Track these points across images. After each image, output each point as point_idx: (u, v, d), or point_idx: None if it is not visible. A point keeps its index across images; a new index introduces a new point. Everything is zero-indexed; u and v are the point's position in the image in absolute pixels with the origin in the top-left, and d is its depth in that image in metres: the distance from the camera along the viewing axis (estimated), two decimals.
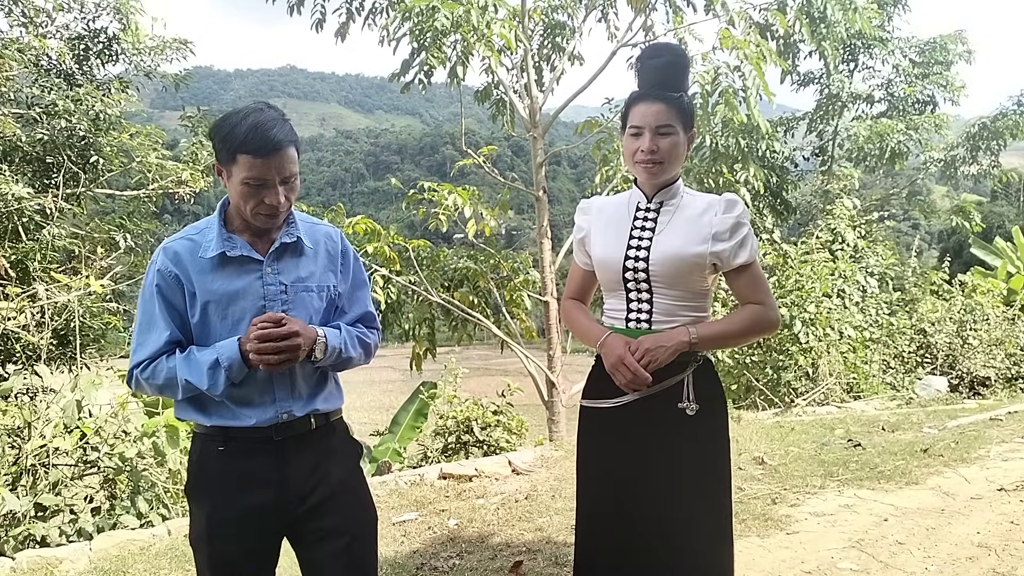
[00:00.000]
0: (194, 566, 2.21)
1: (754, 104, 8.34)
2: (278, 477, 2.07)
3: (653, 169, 2.27)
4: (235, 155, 1.95)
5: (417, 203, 8.83)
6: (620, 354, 2.20)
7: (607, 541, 2.30)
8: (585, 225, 2.47)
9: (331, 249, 2.21)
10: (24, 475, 4.80)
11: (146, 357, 2.04)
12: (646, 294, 2.28)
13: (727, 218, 2.25)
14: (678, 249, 2.24)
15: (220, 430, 2.07)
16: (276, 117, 1.99)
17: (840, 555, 4.00)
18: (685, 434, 2.23)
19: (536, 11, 9.62)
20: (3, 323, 5.79)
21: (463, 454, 7.22)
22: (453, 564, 4.04)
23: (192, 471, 2.16)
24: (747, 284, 2.30)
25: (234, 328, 2.04)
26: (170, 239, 2.11)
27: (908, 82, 15.93)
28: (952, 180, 16.73)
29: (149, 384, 2.06)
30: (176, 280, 2.04)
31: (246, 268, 2.06)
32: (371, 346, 2.27)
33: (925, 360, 11.00)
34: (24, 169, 8.85)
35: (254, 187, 1.97)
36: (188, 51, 10.77)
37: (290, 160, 1.99)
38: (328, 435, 2.19)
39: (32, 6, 9.41)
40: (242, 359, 1.97)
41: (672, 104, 2.24)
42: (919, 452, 6.04)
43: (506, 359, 10.49)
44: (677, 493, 2.22)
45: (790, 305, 9.26)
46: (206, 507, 2.10)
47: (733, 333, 2.32)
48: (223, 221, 2.09)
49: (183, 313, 2.06)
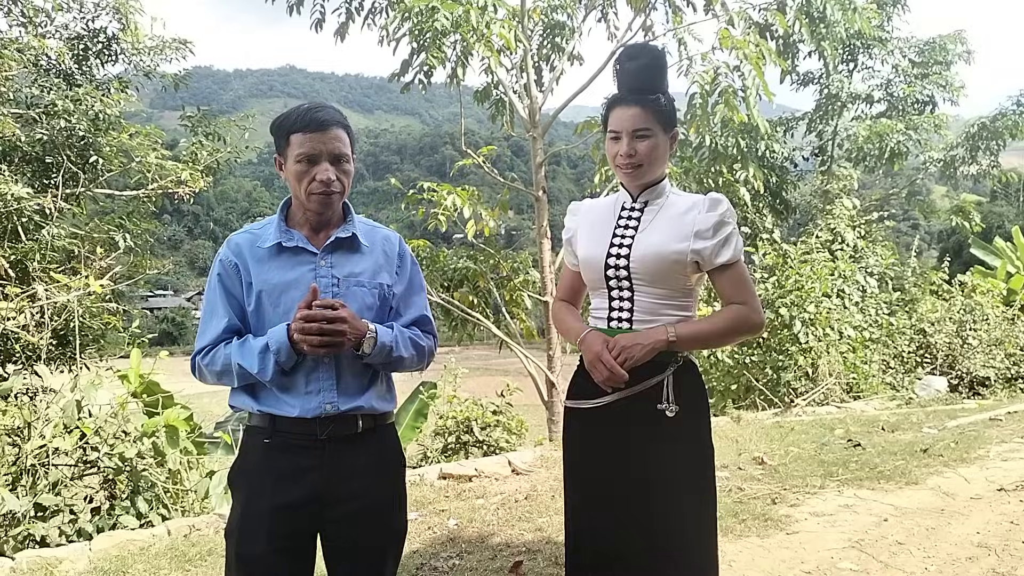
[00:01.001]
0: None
1: (754, 104, 8.34)
2: (316, 477, 2.07)
3: (633, 172, 2.30)
4: (288, 136, 2.08)
5: (417, 203, 8.83)
6: (597, 351, 2.20)
7: (595, 548, 2.28)
8: (573, 226, 2.49)
9: (388, 250, 2.24)
10: (24, 475, 4.79)
11: (207, 344, 2.12)
12: (627, 292, 2.29)
13: (710, 216, 2.25)
14: (658, 247, 2.24)
15: (268, 419, 2.10)
16: (327, 106, 2.14)
17: (840, 555, 4.00)
18: (665, 435, 2.22)
19: (536, 11, 9.62)
20: (3, 323, 5.78)
21: (463, 454, 7.21)
22: (453, 564, 4.04)
23: (236, 462, 2.20)
24: (730, 284, 2.28)
25: (285, 317, 2.07)
26: (235, 232, 2.22)
27: (908, 82, 15.93)
28: (952, 180, 16.72)
29: (208, 371, 2.13)
30: (236, 269, 2.12)
31: (300, 259, 2.12)
32: (425, 349, 2.26)
33: (925, 360, 11.01)
34: (23, 169, 8.85)
35: (305, 164, 2.06)
36: (187, 51, 10.76)
37: (339, 139, 2.08)
38: (375, 441, 2.18)
39: (31, 6, 9.41)
40: (290, 344, 2.00)
41: (649, 107, 2.26)
42: (919, 452, 6.04)
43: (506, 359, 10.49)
44: (657, 495, 2.20)
45: (790, 305, 9.26)
46: (241, 498, 2.13)
47: (714, 333, 2.31)
48: (284, 217, 2.18)
49: (242, 302, 2.14)
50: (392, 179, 11.13)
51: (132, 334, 8.06)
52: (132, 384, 5.81)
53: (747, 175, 13.11)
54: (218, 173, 11.12)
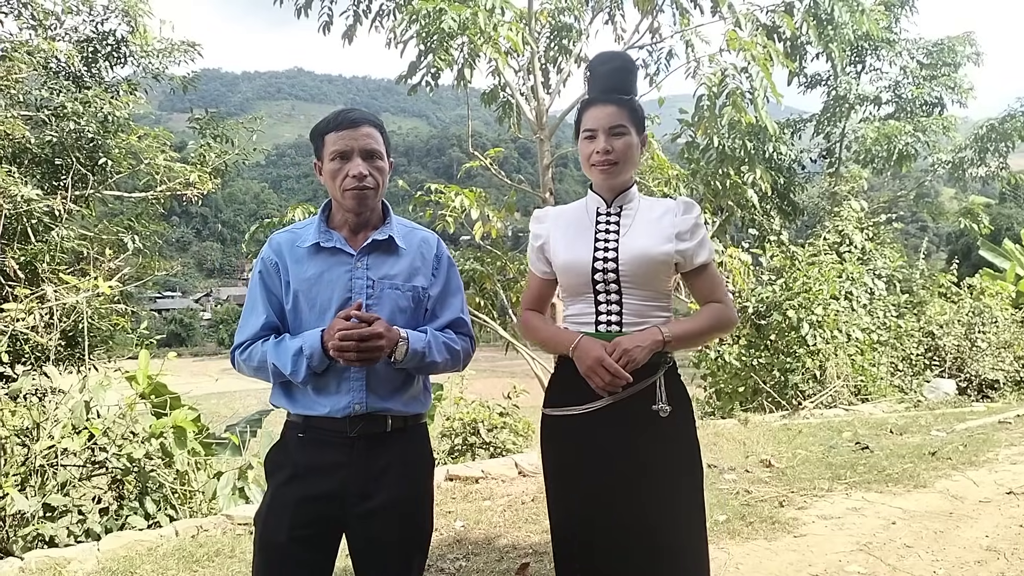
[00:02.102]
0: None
1: (762, 106, 8.33)
2: (344, 473, 2.10)
3: (609, 170, 2.30)
4: (323, 137, 2.16)
5: (424, 205, 8.84)
6: (598, 355, 2.18)
7: (586, 556, 2.27)
8: (543, 232, 2.45)
9: (425, 252, 2.27)
10: (33, 475, 4.81)
11: (245, 339, 2.18)
12: (615, 295, 2.29)
13: (687, 219, 2.33)
14: (646, 249, 2.27)
15: (302, 418, 2.14)
16: (360, 109, 2.24)
17: (848, 558, 3.99)
18: (659, 435, 2.23)
19: (543, 13, 9.64)
20: (12, 324, 5.80)
21: (470, 456, 7.21)
22: (460, 566, 4.04)
23: (272, 449, 2.25)
24: (707, 283, 2.37)
25: (321, 317, 2.12)
26: (278, 231, 2.27)
27: (916, 84, 15.88)
28: (960, 182, 16.66)
29: (246, 365, 2.19)
30: (276, 268, 2.18)
31: (337, 260, 2.16)
32: (460, 352, 2.27)
33: (933, 363, 10.96)
34: (33, 171, 8.89)
35: (339, 161, 2.13)
36: (196, 53, 10.81)
37: (371, 136, 2.15)
38: (405, 442, 2.20)
39: (41, 9, 9.46)
40: (323, 350, 2.03)
41: (624, 106, 2.30)
42: (927, 455, 6.02)
43: (512, 361, 10.48)
44: (656, 495, 2.21)
45: (797, 307, 9.23)
46: (271, 487, 2.18)
47: (701, 331, 2.34)
48: (325, 218, 2.23)
49: (281, 299, 2.19)
50: (400, 181, 11.14)
51: (140, 335, 8.09)
52: (140, 385, 5.83)
53: (755, 177, 13.08)
54: (226, 175, 11.15)
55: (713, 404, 10.10)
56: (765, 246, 10.95)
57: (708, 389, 10.21)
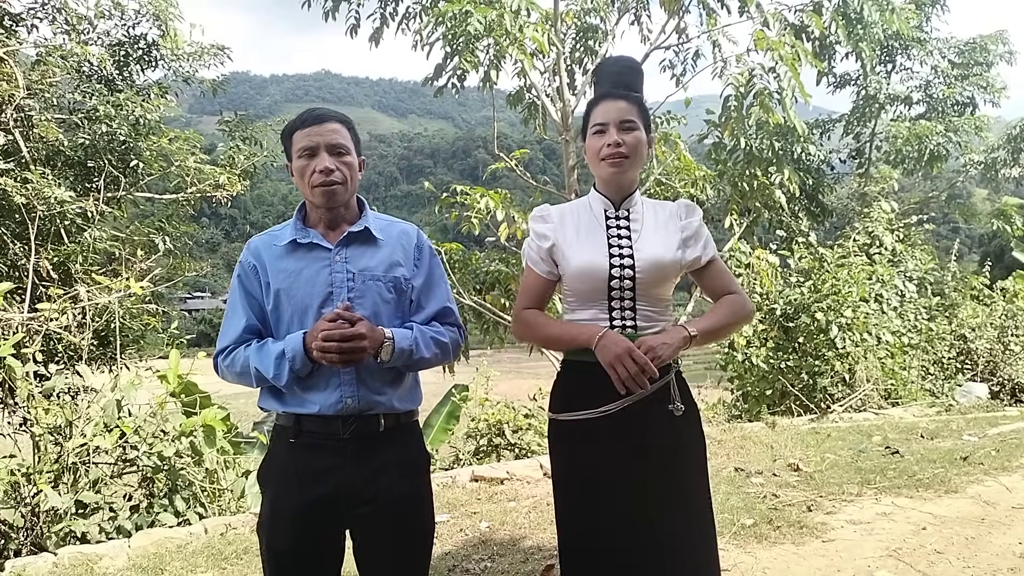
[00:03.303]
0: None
1: (790, 106, 8.25)
2: (339, 476, 2.09)
3: (620, 162, 2.28)
4: (291, 136, 2.18)
5: (450, 206, 8.87)
6: (628, 346, 2.12)
7: (599, 559, 2.25)
8: (550, 234, 2.37)
9: (405, 243, 2.26)
10: (65, 473, 4.90)
11: (228, 344, 2.18)
12: (629, 302, 2.28)
13: (692, 222, 2.37)
14: (660, 256, 2.28)
15: (293, 419, 2.14)
16: (327, 108, 2.25)
17: (877, 564, 3.94)
18: (674, 434, 2.25)
19: (568, 14, 9.63)
20: (46, 324, 5.91)
21: (495, 457, 7.23)
22: (485, 567, 4.05)
23: (264, 460, 2.25)
24: (718, 278, 2.40)
25: (303, 314, 2.13)
26: (255, 236, 2.29)
27: (947, 83, 15.64)
28: (993, 183, 16.40)
29: (229, 371, 2.19)
30: (255, 270, 2.18)
31: (315, 255, 2.16)
32: (449, 345, 2.25)
33: (965, 366, 10.79)
34: (66, 173, 9.02)
35: (306, 158, 2.14)
36: (225, 57, 10.91)
37: (336, 132, 2.16)
38: (398, 441, 2.19)
39: (75, 14, 9.60)
40: (305, 353, 2.04)
41: (633, 102, 2.31)
42: (959, 460, 5.93)
43: (537, 362, 10.45)
44: (672, 492, 2.22)
45: (826, 310, 9.13)
46: (270, 496, 2.18)
47: (724, 323, 2.35)
48: (301, 218, 2.24)
49: (261, 302, 2.19)
50: (426, 183, 11.19)
51: (171, 335, 8.19)
52: (171, 384, 5.90)
53: (782, 178, 12.96)
54: (255, 177, 11.24)
55: (740, 407, 10.01)
56: (793, 248, 10.85)
57: (735, 392, 10.13)
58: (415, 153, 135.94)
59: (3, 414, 6.92)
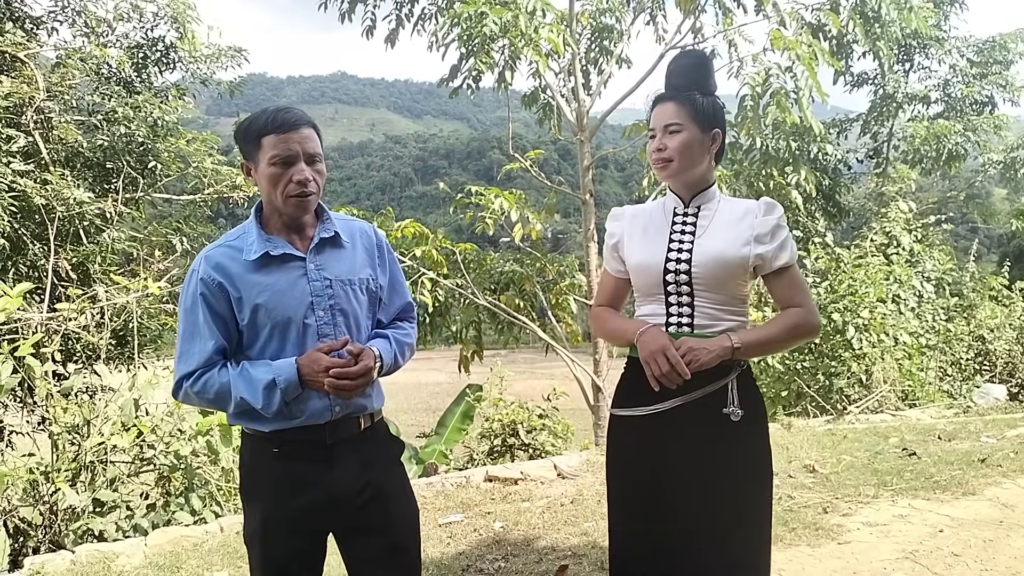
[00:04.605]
0: (246, 562, 2.25)
1: (807, 105, 8.21)
2: (328, 480, 2.10)
3: (664, 167, 2.28)
4: (259, 139, 2.02)
5: (464, 207, 8.89)
6: (663, 344, 2.12)
7: (646, 556, 2.26)
8: (618, 231, 2.43)
9: (367, 243, 2.24)
10: (83, 471, 4.95)
11: (194, 368, 2.05)
12: (687, 297, 2.24)
13: (768, 220, 2.24)
14: (721, 251, 2.21)
15: (276, 433, 2.09)
16: (293, 107, 2.09)
17: (893, 566, 3.92)
18: (730, 439, 2.18)
19: (584, 15, 9.63)
20: (65, 324, 5.97)
21: (509, 457, 7.23)
22: (499, 567, 4.05)
23: (245, 472, 2.21)
24: (787, 287, 2.28)
25: (285, 328, 2.07)
26: (208, 248, 2.13)
27: (966, 82, 15.51)
28: (1012, 182, 16.26)
29: (200, 397, 2.08)
30: (220, 288, 2.04)
31: (289, 266, 2.08)
32: (413, 345, 2.32)
33: (983, 368, 10.68)
34: (85, 174, 9.11)
35: (281, 165, 2.01)
36: (242, 59, 10.98)
37: (312, 139, 2.05)
38: (374, 436, 2.23)
39: (94, 17, 9.70)
40: (299, 381, 2.01)
41: (683, 102, 2.25)
42: (976, 462, 5.88)
43: (551, 363, 10.46)
44: (722, 499, 2.18)
45: (843, 310, 9.07)
46: (259, 508, 2.14)
47: (776, 339, 2.27)
48: (260, 224, 2.13)
49: (228, 321, 2.07)
50: (440, 183, 11.22)
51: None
52: None
53: (799, 178, 12.91)
54: None
55: None
56: (810, 248, 10.78)
57: None
58: (430, 154, 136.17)
59: (22, 413, 7.01)
